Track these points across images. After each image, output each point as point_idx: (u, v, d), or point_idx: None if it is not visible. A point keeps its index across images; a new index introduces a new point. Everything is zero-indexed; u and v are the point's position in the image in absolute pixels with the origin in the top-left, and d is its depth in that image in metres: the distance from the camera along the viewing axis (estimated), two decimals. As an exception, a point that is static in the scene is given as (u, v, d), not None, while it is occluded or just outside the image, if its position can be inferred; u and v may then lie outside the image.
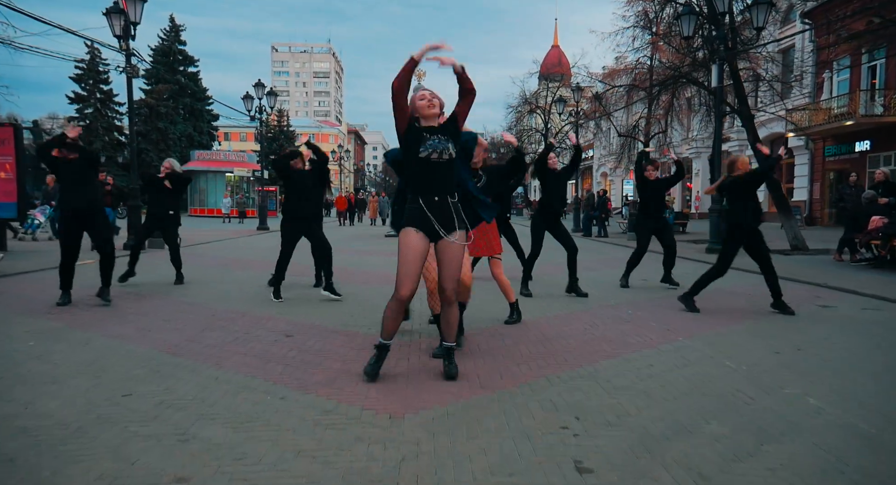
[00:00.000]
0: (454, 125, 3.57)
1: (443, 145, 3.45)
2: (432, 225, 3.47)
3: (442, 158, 3.44)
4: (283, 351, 4.31)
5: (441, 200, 3.48)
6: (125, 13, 12.94)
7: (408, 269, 3.45)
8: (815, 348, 4.52)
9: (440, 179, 3.48)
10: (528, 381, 3.64)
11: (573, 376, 3.72)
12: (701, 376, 3.75)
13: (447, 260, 3.55)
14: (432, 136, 3.47)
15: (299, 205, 6.65)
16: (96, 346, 4.39)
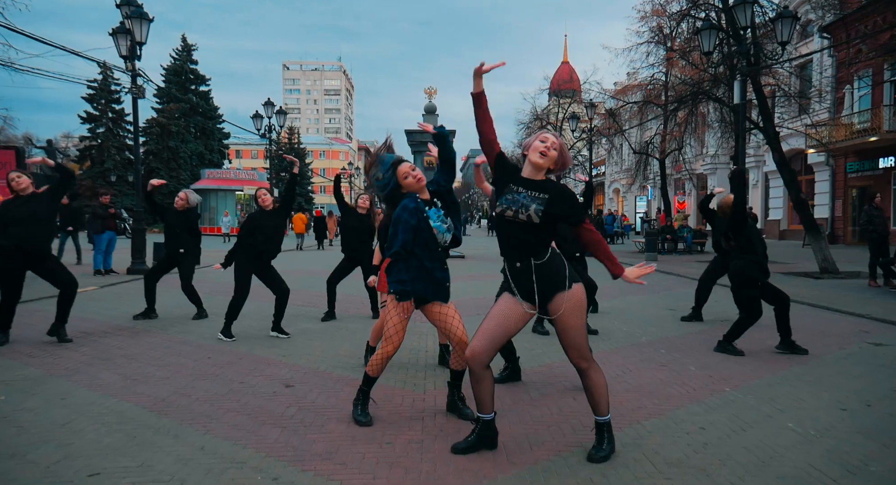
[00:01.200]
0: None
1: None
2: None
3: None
4: (281, 408, 3.82)
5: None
6: (131, 34, 12.71)
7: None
8: (884, 402, 3.96)
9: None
10: (563, 451, 3.12)
11: (616, 445, 3.19)
12: (765, 446, 3.21)
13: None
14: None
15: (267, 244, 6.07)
16: (73, 401, 3.92)
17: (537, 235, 2.88)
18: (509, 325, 2.97)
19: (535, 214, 2.82)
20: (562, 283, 2.90)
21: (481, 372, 3.00)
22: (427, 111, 19.06)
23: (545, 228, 2.88)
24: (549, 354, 5.13)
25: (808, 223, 13.39)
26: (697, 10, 16.59)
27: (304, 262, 16.43)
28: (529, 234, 2.87)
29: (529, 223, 2.84)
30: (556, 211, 2.85)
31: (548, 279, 2.90)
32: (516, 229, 2.88)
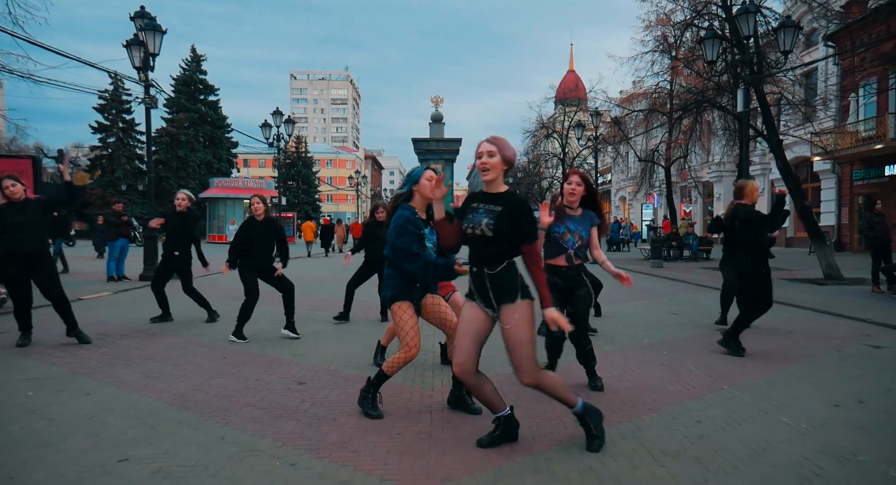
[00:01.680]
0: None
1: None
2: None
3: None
4: (296, 403, 3.99)
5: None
6: (144, 45, 13.01)
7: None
8: (877, 400, 4.09)
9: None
10: (564, 441, 3.28)
11: (614, 437, 3.35)
12: (758, 438, 3.36)
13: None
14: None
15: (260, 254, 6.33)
16: (98, 397, 4.11)
17: (492, 246, 3.01)
18: (479, 331, 3.11)
19: (486, 228, 2.98)
20: (510, 295, 3.00)
21: (474, 381, 3.14)
22: (434, 120, 19.32)
23: (499, 240, 2.99)
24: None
25: (813, 230, 13.49)
26: (701, 19, 16.78)
27: (312, 268, 16.64)
28: (485, 246, 3.02)
29: (483, 237, 3.00)
30: (504, 226, 2.96)
31: (498, 289, 3.02)
32: (477, 242, 3.06)
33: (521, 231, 2.97)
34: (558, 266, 4.24)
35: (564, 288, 4.23)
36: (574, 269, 4.27)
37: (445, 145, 18.89)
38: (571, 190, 4.28)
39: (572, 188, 4.28)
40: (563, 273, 4.24)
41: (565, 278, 4.24)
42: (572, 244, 4.23)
